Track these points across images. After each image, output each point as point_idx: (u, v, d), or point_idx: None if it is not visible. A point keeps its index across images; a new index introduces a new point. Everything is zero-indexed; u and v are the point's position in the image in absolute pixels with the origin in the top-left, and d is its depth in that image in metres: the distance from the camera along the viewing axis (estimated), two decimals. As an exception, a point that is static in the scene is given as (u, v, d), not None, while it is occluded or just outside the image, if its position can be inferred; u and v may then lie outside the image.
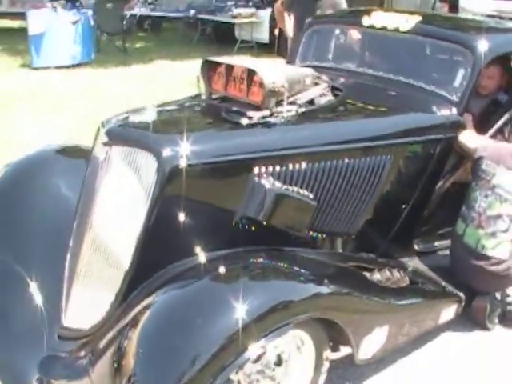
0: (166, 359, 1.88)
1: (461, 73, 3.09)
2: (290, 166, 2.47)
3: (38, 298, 2.45)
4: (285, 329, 2.01)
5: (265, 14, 12.45)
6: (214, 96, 2.76)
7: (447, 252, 3.30)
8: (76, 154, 2.97)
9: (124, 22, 12.00)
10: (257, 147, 2.39)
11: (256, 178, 2.35)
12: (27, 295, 2.46)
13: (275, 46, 11.88)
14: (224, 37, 12.98)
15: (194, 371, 1.83)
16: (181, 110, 2.64)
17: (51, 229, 2.63)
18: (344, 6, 4.85)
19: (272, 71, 2.55)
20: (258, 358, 2.06)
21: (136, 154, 2.19)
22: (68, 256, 2.45)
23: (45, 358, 2.25)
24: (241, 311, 1.89)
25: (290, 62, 3.95)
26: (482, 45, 3.04)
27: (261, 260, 2.18)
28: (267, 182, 2.36)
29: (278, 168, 2.42)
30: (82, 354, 2.22)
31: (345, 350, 2.35)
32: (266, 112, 2.49)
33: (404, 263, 3.06)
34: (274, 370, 2.15)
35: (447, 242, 3.33)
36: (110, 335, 2.16)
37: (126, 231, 2.20)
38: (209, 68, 2.71)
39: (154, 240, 2.18)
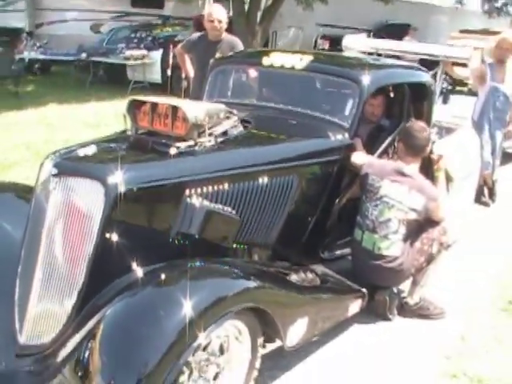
0: (128, 361, 2.15)
1: (350, 103, 3.64)
2: (215, 188, 2.85)
3: None
4: (225, 318, 2.36)
5: (156, 54, 12.86)
6: (139, 131, 3.09)
7: (349, 258, 3.81)
8: (11, 190, 3.18)
9: (13, 66, 11.95)
10: (186, 173, 2.75)
11: (188, 199, 2.71)
12: None
13: (168, 86, 12.30)
14: (116, 78, 13.19)
15: (153, 365, 2.11)
16: (115, 143, 2.94)
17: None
18: (241, 47, 5.32)
19: (193, 107, 2.94)
20: (205, 348, 2.38)
21: (84, 182, 2.47)
22: (17, 281, 2.65)
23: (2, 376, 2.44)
24: (185, 309, 2.20)
25: (196, 99, 4.36)
26: (366, 79, 3.61)
27: (196, 265, 2.52)
28: (197, 202, 2.72)
29: (204, 189, 2.79)
30: (41, 367, 2.42)
31: (272, 346, 2.76)
32: (191, 142, 2.88)
33: (313, 268, 3.50)
34: (218, 356, 2.48)
35: (347, 250, 3.84)
36: (68, 347, 2.37)
37: (78, 250, 2.46)
38: (134, 107, 3.04)
39: (104, 256, 2.45)
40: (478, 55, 6.01)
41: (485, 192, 6.39)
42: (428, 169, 3.91)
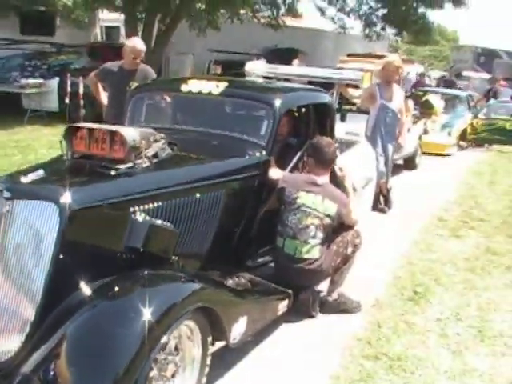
0: (96, 369, 2.33)
1: (264, 124, 4.02)
2: (154, 204, 3.10)
3: None
4: (183, 318, 2.62)
5: (53, 83, 12.73)
6: (75, 155, 3.28)
7: (270, 265, 4.16)
8: None
9: None
10: (129, 191, 2.98)
11: (132, 215, 2.94)
12: None
13: (67, 114, 12.23)
14: (10, 108, 12.85)
15: (125, 365, 2.32)
16: (57, 167, 3.14)
17: None
18: (154, 76, 5.59)
19: (129, 131, 3.19)
20: (163, 348, 2.62)
21: (37, 204, 2.64)
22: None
23: None
24: (147, 312, 2.43)
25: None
26: (278, 102, 4.01)
27: (147, 274, 2.77)
28: (140, 217, 2.96)
29: (146, 206, 3.03)
30: (7, 382, 2.53)
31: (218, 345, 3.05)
32: (130, 164, 3.12)
33: (242, 275, 3.82)
34: (175, 356, 2.72)
35: (268, 258, 4.20)
36: (29, 365, 2.49)
37: (36, 266, 2.61)
38: (71, 132, 3.23)
39: (61, 272, 2.62)
40: (368, 77, 6.66)
41: (381, 200, 7.02)
42: (333, 180, 4.36)
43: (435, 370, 3.53)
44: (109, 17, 19.93)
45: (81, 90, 11.66)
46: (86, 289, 2.68)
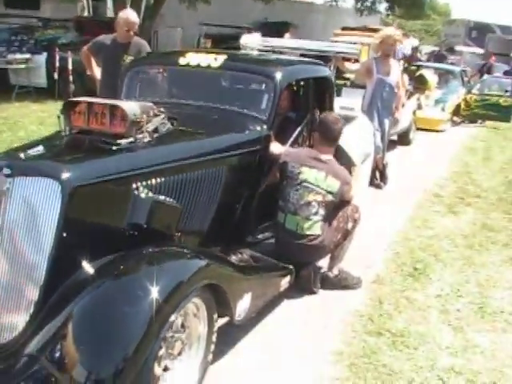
0: (105, 349, 2.28)
1: (265, 98, 3.93)
2: (157, 180, 3.03)
3: None
4: (189, 297, 2.58)
5: (41, 58, 12.51)
6: (73, 131, 3.19)
7: (269, 241, 4.12)
8: None
9: None
10: (130, 167, 2.90)
11: (135, 191, 2.87)
12: None
13: (55, 90, 12.05)
14: (-2, 83, 12.66)
15: (131, 350, 2.26)
16: (57, 143, 3.05)
17: None
18: (148, 49, 5.46)
19: (130, 105, 3.10)
20: (171, 326, 2.57)
21: (38, 181, 2.56)
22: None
23: None
24: (153, 294, 2.36)
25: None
26: (279, 75, 3.93)
27: (154, 251, 2.71)
28: (142, 193, 2.89)
29: (148, 182, 2.96)
30: (5, 366, 2.47)
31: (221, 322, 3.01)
32: (131, 139, 3.04)
33: (244, 251, 3.78)
34: (182, 333, 2.68)
35: (268, 234, 4.15)
36: (38, 341, 2.43)
37: (38, 245, 2.55)
38: (69, 107, 3.14)
39: (63, 250, 2.56)
40: (365, 50, 6.56)
41: (377, 175, 6.99)
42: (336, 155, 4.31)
43: (437, 346, 3.53)
44: (94, -11, 19.65)
45: (69, 66, 11.51)
46: (90, 267, 2.62)
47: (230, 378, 3.08)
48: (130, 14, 5.47)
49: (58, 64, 11.82)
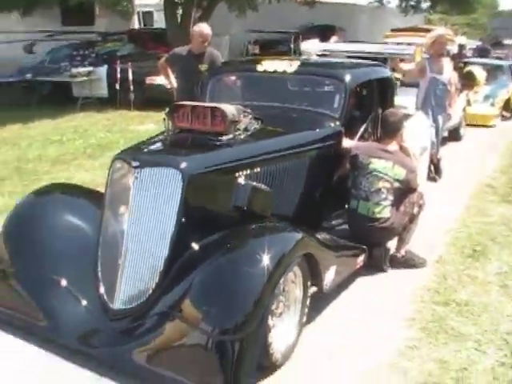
0: (230, 301, 2.80)
1: (337, 97, 4.45)
2: (253, 170, 3.57)
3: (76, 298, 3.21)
4: (293, 264, 3.11)
5: (102, 70, 13.30)
6: (176, 130, 3.74)
7: (340, 227, 4.59)
8: (75, 192, 3.82)
9: None
10: (232, 159, 3.47)
11: (237, 179, 3.41)
12: (67, 295, 3.22)
13: (117, 99, 12.81)
14: (61, 96, 13.39)
15: (251, 304, 2.78)
16: (167, 141, 3.64)
17: (73, 245, 3.42)
18: (221, 59, 6.04)
19: (227, 107, 3.63)
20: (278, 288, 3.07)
21: (162, 170, 3.13)
22: (99, 261, 3.26)
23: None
24: (265, 260, 2.88)
25: None
26: (348, 77, 4.44)
27: (256, 228, 3.23)
28: (243, 181, 3.43)
29: (247, 171, 3.51)
30: (136, 325, 2.99)
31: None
32: (230, 136, 3.59)
33: (322, 233, 4.25)
34: (283, 296, 3.18)
35: (340, 220, 4.63)
36: (164, 303, 2.96)
37: (163, 226, 3.10)
38: (173, 110, 3.69)
39: (183, 227, 3.10)
40: (419, 51, 6.96)
41: (431, 169, 7.36)
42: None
43: (500, 314, 3.93)
44: (141, 2, 20.41)
45: (130, 76, 12.25)
46: (205, 241, 3.15)
47: (325, 331, 3.60)
48: (203, 27, 6.05)
49: (118, 75, 12.59)
